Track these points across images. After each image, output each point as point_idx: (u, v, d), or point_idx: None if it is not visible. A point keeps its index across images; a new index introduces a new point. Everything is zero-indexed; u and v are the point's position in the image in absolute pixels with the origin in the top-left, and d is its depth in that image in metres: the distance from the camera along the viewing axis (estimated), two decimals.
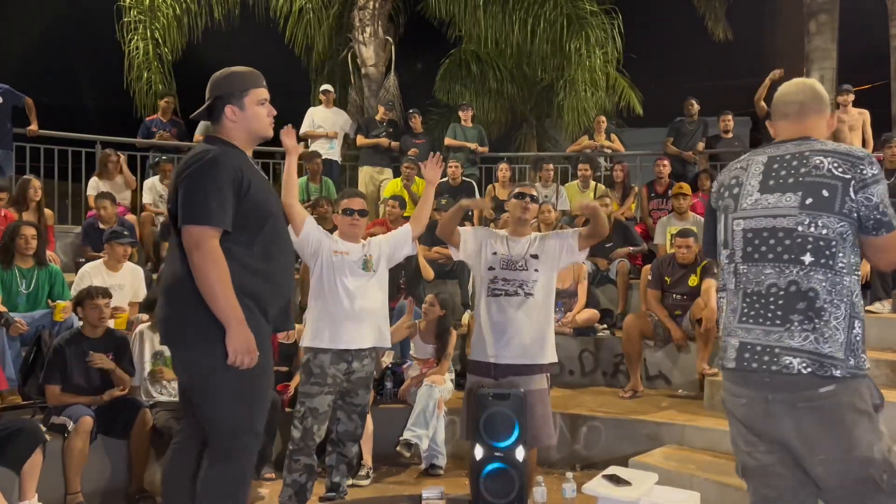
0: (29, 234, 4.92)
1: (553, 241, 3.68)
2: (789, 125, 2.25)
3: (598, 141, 8.91)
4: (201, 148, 2.49)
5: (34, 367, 4.44)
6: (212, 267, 2.33)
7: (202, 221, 2.35)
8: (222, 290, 2.33)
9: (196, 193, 2.37)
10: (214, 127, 2.57)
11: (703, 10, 11.84)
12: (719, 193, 2.27)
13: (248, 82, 2.56)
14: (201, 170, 2.39)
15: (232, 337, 2.34)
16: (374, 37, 10.55)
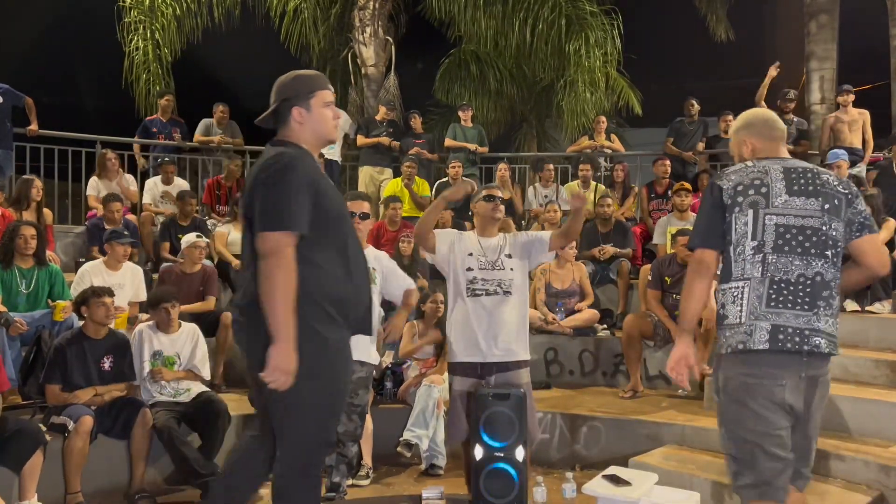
0: (28, 234, 4.91)
1: (524, 240, 3.79)
2: (777, 146, 2.62)
3: (598, 141, 8.91)
4: (274, 152, 2.44)
5: (34, 367, 4.44)
6: (282, 276, 2.27)
7: (279, 227, 2.29)
8: (285, 301, 2.27)
9: (273, 199, 2.31)
10: (281, 130, 2.54)
11: (705, 10, 11.84)
12: (739, 191, 2.46)
13: (315, 84, 2.55)
14: (277, 174, 2.34)
15: (278, 353, 2.26)
16: (374, 37, 10.55)
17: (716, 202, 2.49)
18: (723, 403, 2.46)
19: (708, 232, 2.51)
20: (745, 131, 2.66)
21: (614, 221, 6.90)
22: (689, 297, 2.53)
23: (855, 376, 4.70)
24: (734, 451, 2.44)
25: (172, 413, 4.34)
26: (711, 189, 2.52)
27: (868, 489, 3.67)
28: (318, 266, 2.37)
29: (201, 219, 7.10)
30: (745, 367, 2.39)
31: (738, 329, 2.39)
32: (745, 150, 2.63)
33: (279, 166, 2.36)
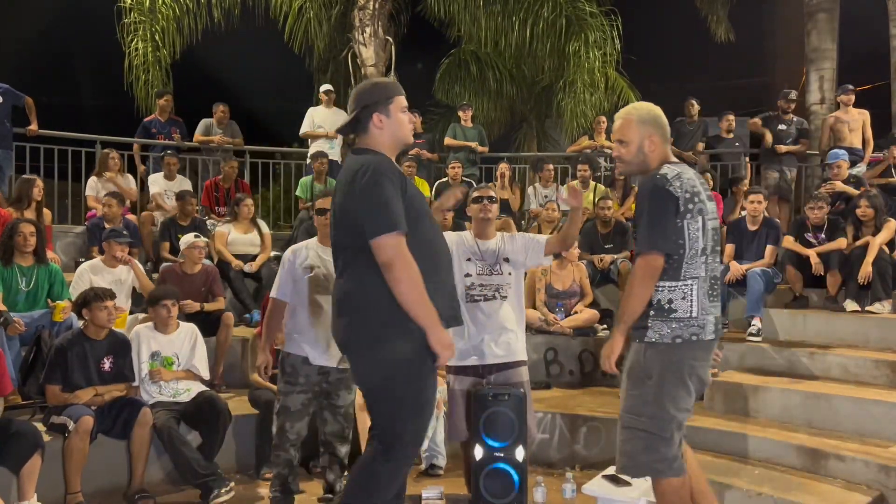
0: (27, 232, 4.91)
1: (521, 243, 3.79)
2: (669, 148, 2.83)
3: (598, 141, 8.91)
4: (359, 162, 2.54)
5: (34, 367, 4.44)
6: (410, 274, 2.40)
7: (391, 229, 2.40)
8: (420, 295, 2.42)
9: (376, 206, 2.42)
10: (360, 137, 2.65)
11: (706, 11, 11.84)
12: (688, 199, 2.65)
13: (392, 91, 2.68)
14: (371, 182, 2.45)
15: (435, 337, 2.44)
16: (374, 37, 10.54)
17: (673, 209, 2.63)
18: (660, 386, 2.67)
19: (667, 237, 2.63)
20: (651, 127, 2.77)
21: (614, 222, 6.89)
22: (637, 300, 2.66)
23: (855, 376, 4.70)
24: (657, 429, 2.67)
25: (172, 413, 4.34)
26: (666, 196, 2.62)
27: (868, 489, 3.67)
28: None
29: (201, 219, 7.10)
30: (693, 353, 2.69)
31: (690, 322, 2.67)
32: (647, 145, 2.75)
33: (371, 174, 2.46)
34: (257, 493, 4.35)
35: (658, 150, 2.76)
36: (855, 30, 10.73)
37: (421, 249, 2.51)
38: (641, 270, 2.65)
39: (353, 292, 2.54)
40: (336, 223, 2.62)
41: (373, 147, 2.63)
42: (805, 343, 5.26)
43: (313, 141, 8.70)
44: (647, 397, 2.70)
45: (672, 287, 2.66)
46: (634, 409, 2.73)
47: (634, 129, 2.77)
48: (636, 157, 2.78)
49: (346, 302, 2.57)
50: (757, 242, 5.85)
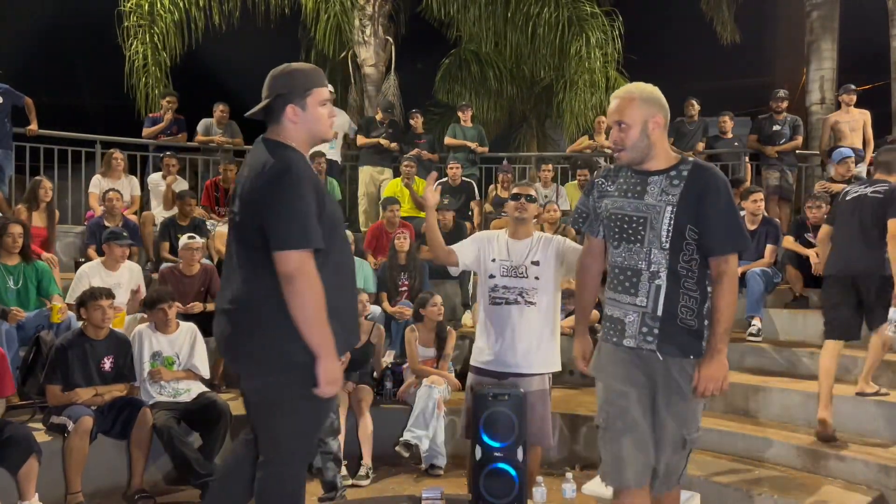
0: (16, 233, 4.93)
1: (556, 250, 3.53)
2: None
3: (598, 141, 8.91)
4: (273, 158, 2.26)
5: (33, 368, 4.44)
6: (312, 294, 2.19)
7: (301, 245, 2.17)
8: (320, 318, 2.21)
9: (288, 214, 2.18)
10: (272, 127, 2.36)
11: (711, 14, 11.84)
12: None
13: (311, 81, 2.36)
14: (286, 188, 2.20)
15: (325, 368, 2.23)
16: (374, 37, 10.55)
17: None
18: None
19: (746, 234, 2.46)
20: (656, 107, 2.45)
21: None
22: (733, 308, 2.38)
23: (855, 376, 4.69)
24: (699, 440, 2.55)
25: (172, 413, 4.34)
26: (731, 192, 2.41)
27: (868, 489, 3.67)
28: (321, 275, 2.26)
29: (200, 219, 7.10)
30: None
31: None
32: (651, 127, 2.41)
33: (287, 177, 2.21)
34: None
35: (661, 133, 2.45)
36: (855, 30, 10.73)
37: (329, 263, 2.29)
38: (734, 276, 2.38)
39: (248, 302, 2.28)
40: (238, 216, 2.31)
41: (284, 140, 2.33)
42: (805, 343, 5.26)
43: None
44: (699, 412, 2.51)
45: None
46: (695, 426, 2.50)
47: (637, 109, 2.41)
48: (640, 142, 2.42)
49: (237, 307, 2.31)
50: (756, 242, 5.85)
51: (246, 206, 2.27)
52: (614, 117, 2.45)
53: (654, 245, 2.39)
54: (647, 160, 2.45)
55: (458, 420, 4.69)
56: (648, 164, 2.46)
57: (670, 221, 2.36)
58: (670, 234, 2.37)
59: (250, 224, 2.25)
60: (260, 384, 2.34)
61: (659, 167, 2.44)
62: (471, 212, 7.93)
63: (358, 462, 4.56)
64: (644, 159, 2.45)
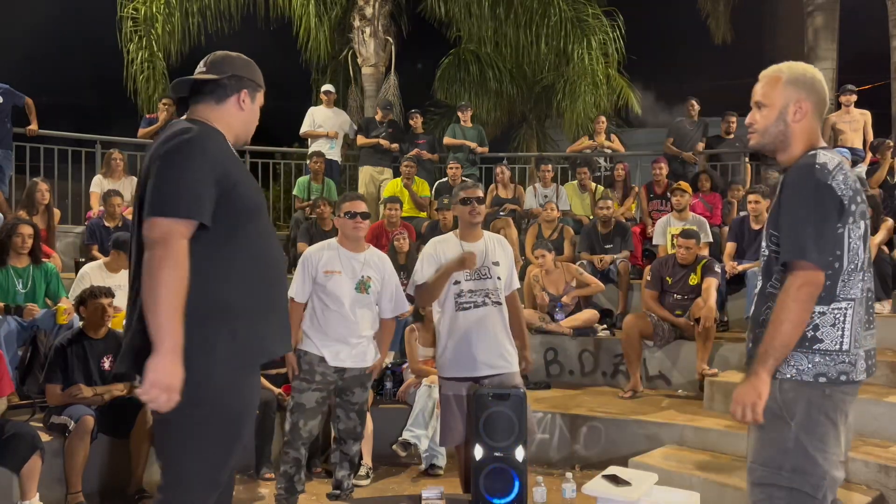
0: (26, 234, 4.91)
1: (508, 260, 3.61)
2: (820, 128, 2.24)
3: (598, 141, 8.92)
4: (181, 126, 2.03)
5: (32, 367, 4.44)
6: (169, 270, 1.86)
7: (173, 213, 1.89)
8: (170, 300, 1.85)
9: (170, 179, 1.92)
10: (207, 105, 2.15)
11: (707, 12, 11.85)
12: (853, 197, 2.04)
13: (261, 80, 2.27)
14: (179, 152, 1.95)
15: (157, 365, 1.83)
16: (374, 37, 10.55)
17: (836, 212, 2.01)
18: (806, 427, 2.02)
19: (825, 247, 2.00)
20: (804, 90, 2.12)
21: (614, 222, 6.90)
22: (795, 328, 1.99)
23: None
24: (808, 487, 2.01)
25: None
26: (828, 195, 1.99)
27: (868, 489, 3.67)
28: (219, 266, 1.99)
29: None
30: (843, 387, 2.06)
31: (839, 357, 2.04)
32: (793, 113, 2.11)
33: (184, 142, 1.97)
34: (257, 493, 4.35)
35: (807, 122, 2.11)
36: (855, 30, 10.74)
37: (246, 251, 2.04)
38: (800, 288, 1.97)
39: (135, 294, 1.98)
40: (136, 200, 2.06)
41: (214, 122, 2.12)
42: None
43: (313, 141, 8.71)
44: (787, 443, 2.03)
45: (822, 311, 2.04)
46: (771, 460, 2.07)
47: (780, 91, 2.11)
48: (774, 127, 2.13)
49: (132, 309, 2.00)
50: (759, 242, 5.85)
51: (143, 177, 2.03)
52: (755, 97, 2.19)
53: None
54: (781, 151, 2.17)
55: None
56: (783, 157, 2.18)
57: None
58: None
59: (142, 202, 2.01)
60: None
61: (790, 163, 2.15)
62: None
63: (358, 461, 4.56)
64: (777, 148, 2.17)
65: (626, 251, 6.74)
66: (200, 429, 1.97)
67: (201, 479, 2.02)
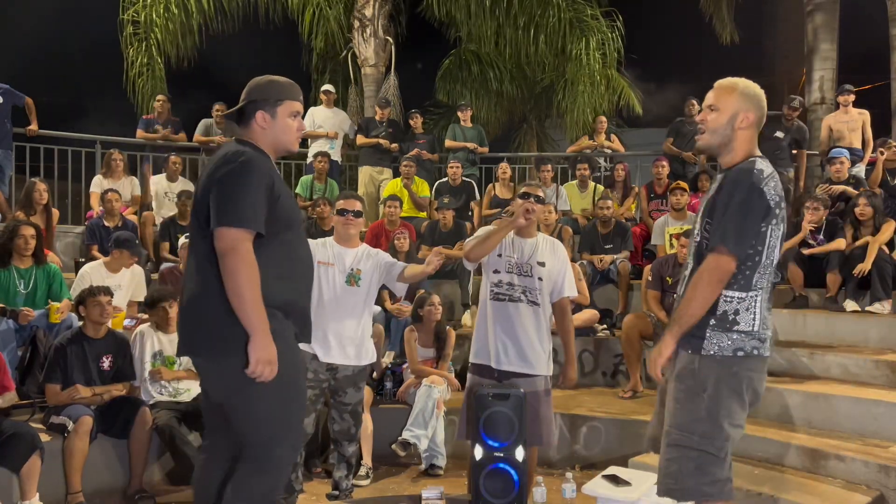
0: (28, 234, 4.90)
1: (556, 265, 3.57)
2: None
3: (598, 141, 8.92)
4: (233, 149, 2.40)
5: (31, 367, 4.44)
6: (245, 270, 2.25)
7: (238, 224, 2.27)
8: (252, 294, 2.26)
9: (231, 196, 2.29)
10: (242, 130, 2.53)
11: (711, 12, 11.84)
12: (778, 203, 2.37)
13: (284, 93, 2.52)
14: (236, 171, 2.32)
15: (256, 346, 2.26)
16: (374, 37, 10.55)
17: (761, 213, 2.35)
18: (715, 400, 2.39)
19: (745, 241, 2.35)
20: (752, 103, 2.46)
21: (614, 222, 6.90)
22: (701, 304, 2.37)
23: (855, 376, 4.70)
24: (712, 448, 2.40)
25: (173, 413, 4.34)
26: (758, 197, 2.33)
27: (868, 489, 3.67)
28: (265, 267, 2.32)
29: None
30: (751, 365, 2.43)
31: (752, 335, 2.41)
32: (741, 120, 2.44)
33: (238, 164, 2.33)
34: None
35: (749, 132, 2.45)
36: (855, 30, 10.73)
37: (286, 257, 2.41)
38: (712, 273, 2.35)
39: (201, 294, 2.35)
40: (193, 210, 2.43)
41: (254, 143, 2.49)
42: (805, 343, 5.26)
43: (313, 141, 8.70)
44: (700, 412, 2.40)
45: (741, 298, 2.40)
46: (685, 426, 2.43)
47: (734, 99, 2.44)
48: (724, 130, 2.44)
49: (193, 303, 2.38)
50: None
51: (199, 194, 2.40)
52: (709, 101, 2.50)
53: (695, 237, 2.53)
54: (725, 152, 2.48)
55: (457, 420, 4.69)
56: (725, 159, 2.50)
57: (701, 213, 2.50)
58: (698, 230, 2.49)
59: (202, 212, 2.37)
60: (217, 375, 2.40)
61: (729, 166, 2.48)
62: (471, 212, 7.93)
63: (357, 462, 4.56)
64: (721, 149, 2.48)
65: (626, 251, 6.74)
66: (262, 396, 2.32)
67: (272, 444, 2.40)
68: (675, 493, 2.48)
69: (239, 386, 2.32)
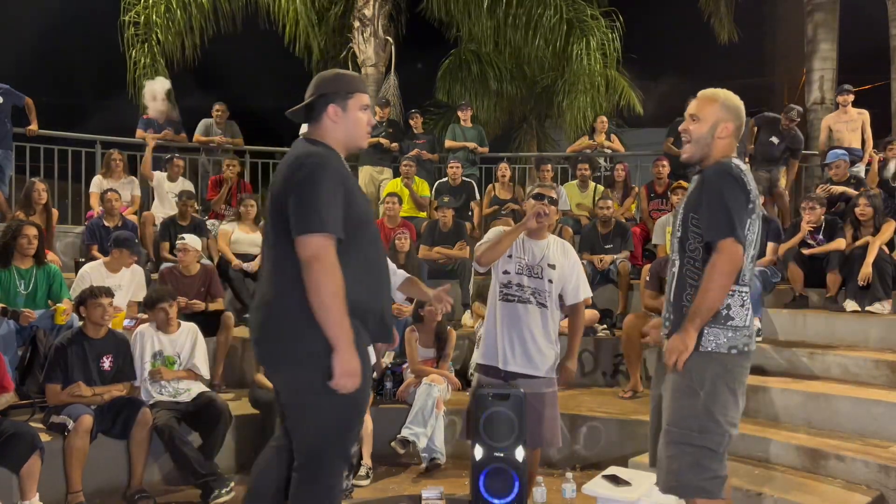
0: (31, 234, 4.89)
1: (567, 268, 3.56)
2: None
3: (598, 141, 8.91)
4: (305, 150, 2.35)
5: (31, 367, 4.44)
6: (330, 281, 2.19)
7: (319, 230, 2.20)
8: (338, 306, 2.20)
9: (310, 201, 2.22)
10: (311, 127, 2.46)
11: (710, 11, 11.84)
12: (754, 200, 2.48)
13: (354, 85, 2.47)
14: (311, 175, 2.26)
15: (341, 359, 2.20)
16: (374, 37, 10.55)
17: (745, 202, 2.44)
18: (713, 396, 2.48)
19: (742, 226, 2.42)
20: (732, 114, 2.58)
21: (614, 222, 6.90)
22: (719, 293, 2.42)
23: (855, 376, 4.70)
24: (711, 444, 2.48)
25: (173, 413, 4.34)
26: (742, 187, 2.44)
27: (868, 489, 3.67)
28: (345, 270, 2.26)
29: (201, 219, 7.10)
30: (743, 363, 2.54)
31: (744, 331, 2.50)
32: (721, 130, 2.55)
33: (311, 166, 2.27)
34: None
35: (728, 141, 2.56)
36: (855, 30, 10.74)
37: (357, 256, 2.33)
38: (725, 262, 2.38)
39: (275, 299, 2.32)
40: (270, 213, 2.38)
41: (322, 139, 2.42)
42: (805, 343, 5.26)
43: None
44: (697, 409, 2.48)
45: (732, 291, 2.47)
46: (684, 423, 2.50)
47: (715, 110, 2.56)
48: (704, 139, 2.55)
49: (266, 308, 2.35)
50: None
51: (275, 198, 2.33)
52: (691, 110, 2.60)
53: (677, 234, 2.61)
54: (704, 160, 2.60)
55: (458, 420, 4.69)
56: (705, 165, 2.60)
57: (684, 211, 2.58)
58: (682, 223, 2.58)
59: (278, 217, 2.31)
60: (284, 380, 2.38)
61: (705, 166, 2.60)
62: (471, 212, 7.93)
63: (357, 462, 4.56)
64: (702, 157, 2.60)
65: (626, 251, 6.74)
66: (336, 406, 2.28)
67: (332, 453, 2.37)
68: (676, 489, 2.54)
69: (301, 396, 2.31)
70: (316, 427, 2.32)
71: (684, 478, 2.49)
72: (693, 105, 2.61)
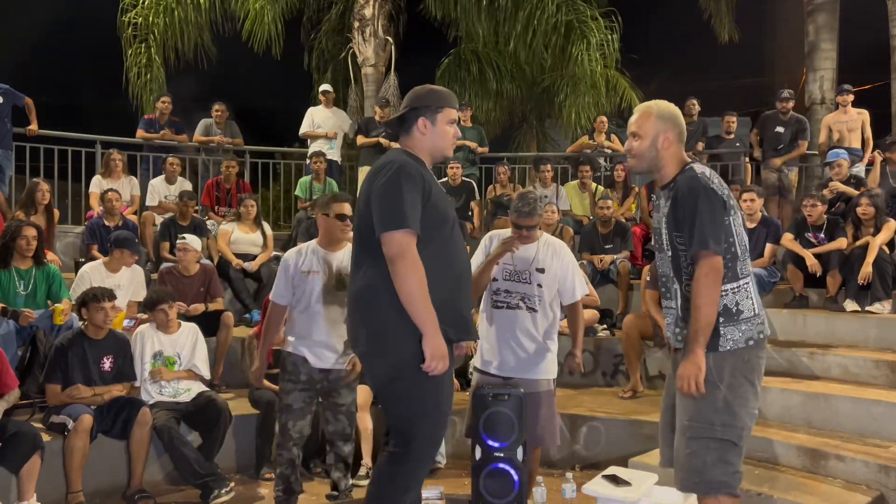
0: (30, 235, 4.89)
1: (560, 269, 3.57)
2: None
3: (598, 141, 8.92)
4: (388, 158, 2.59)
5: (31, 367, 4.44)
6: (414, 274, 2.40)
7: (400, 226, 2.41)
8: (423, 295, 2.41)
9: (391, 201, 2.44)
10: (402, 137, 2.69)
11: (710, 11, 11.84)
12: (728, 195, 2.57)
13: (444, 101, 2.69)
14: (393, 178, 2.47)
15: (429, 343, 2.41)
16: (374, 37, 10.55)
17: (721, 207, 2.52)
18: (732, 389, 2.50)
19: (720, 238, 2.51)
20: (669, 123, 2.65)
21: (614, 222, 6.90)
22: (711, 306, 2.47)
23: (855, 376, 4.70)
24: (734, 437, 2.51)
25: (173, 413, 4.34)
26: (713, 195, 2.51)
27: (868, 489, 3.67)
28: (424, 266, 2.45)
29: (201, 219, 7.10)
30: (759, 352, 2.57)
31: (756, 320, 2.56)
32: (662, 141, 2.63)
33: (394, 171, 2.49)
34: (257, 493, 4.35)
35: (672, 148, 2.64)
36: (855, 29, 10.73)
37: (437, 257, 2.51)
38: (707, 274, 2.48)
39: (365, 290, 2.54)
40: (358, 216, 2.64)
41: (409, 149, 2.65)
42: (805, 343, 5.26)
43: (313, 141, 8.71)
44: (718, 403, 2.51)
45: (735, 288, 2.55)
46: (706, 418, 2.51)
47: (652, 123, 2.65)
48: (648, 153, 2.65)
49: (358, 299, 2.57)
50: (755, 241, 5.84)
51: (363, 200, 2.58)
52: (631, 128, 2.70)
53: (668, 253, 2.65)
54: (655, 171, 2.70)
55: (458, 420, 4.69)
56: (660, 178, 2.70)
57: (668, 230, 2.63)
58: (669, 242, 2.63)
59: (366, 217, 2.53)
60: (377, 370, 2.59)
61: (666, 181, 2.67)
62: (471, 212, 7.93)
63: (357, 462, 4.56)
64: (652, 169, 2.70)
65: (626, 251, 6.74)
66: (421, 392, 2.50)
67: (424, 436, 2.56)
68: (699, 486, 2.55)
69: (388, 382, 2.54)
70: (403, 412, 2.54)
71: (709, 474, 2.50)
72: (632, 123, 2.70)
